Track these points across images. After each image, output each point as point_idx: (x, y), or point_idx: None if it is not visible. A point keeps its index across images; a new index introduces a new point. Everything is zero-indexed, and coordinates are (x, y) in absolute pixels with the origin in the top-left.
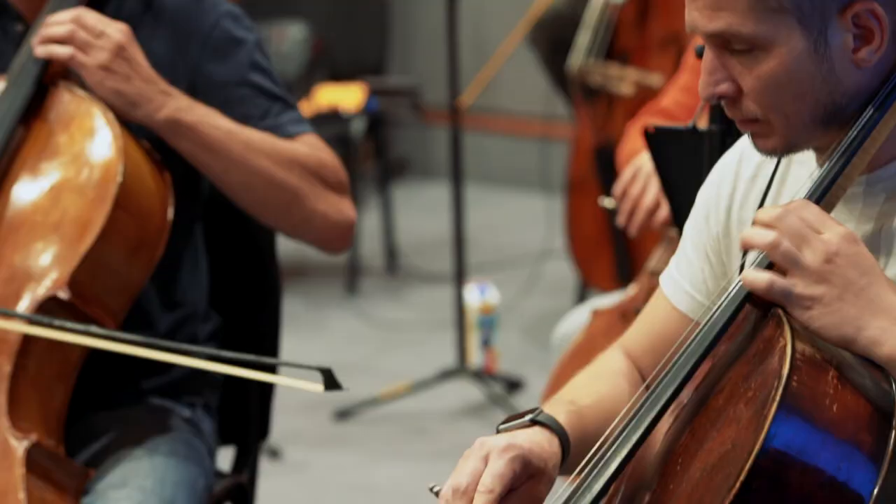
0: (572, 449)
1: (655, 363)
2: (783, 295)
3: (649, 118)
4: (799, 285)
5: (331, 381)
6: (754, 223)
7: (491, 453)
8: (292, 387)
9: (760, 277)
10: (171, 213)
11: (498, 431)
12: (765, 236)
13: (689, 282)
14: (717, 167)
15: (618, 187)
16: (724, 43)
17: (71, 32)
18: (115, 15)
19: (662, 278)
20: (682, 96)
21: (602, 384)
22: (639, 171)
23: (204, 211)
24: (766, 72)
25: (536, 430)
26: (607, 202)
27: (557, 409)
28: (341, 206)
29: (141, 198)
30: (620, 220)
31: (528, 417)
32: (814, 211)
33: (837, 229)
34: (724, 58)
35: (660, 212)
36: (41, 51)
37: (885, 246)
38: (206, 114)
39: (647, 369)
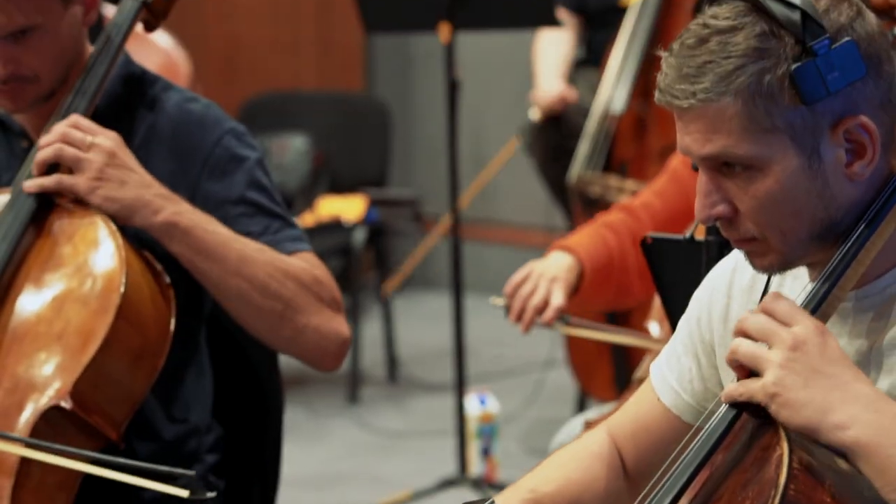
0: None
1: (636, 451)
2: (751, 397)
3: (613, 214)
4: (768, 379)
5: (196, 489)
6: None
7: None
8: (157, 490)
9: (728, 391)
10: (173, 323)
11: None
12: (727, 350)
13: (676, 379)
14: (713, 274)
15: (508, 287)
16: (718, 165)
17: (57, 153)
18: (125, 137)
19: (653, 367)
20: (652, 199)
21: (573, 468)
22: (531, 272)
23: (207, 321)
24: (763, 191)
25: None
26: (497, 301)
27: (514, 497)
28: (335, 324)
29: (143, 308)
30: (510, 318)
31: None
32: (784, 304)
33: (807, 322)
34: (719, 179)
35: (547, 311)
36: (29, 186)
37: (875, 361)
38: (203, 219)
39: (628, 456)
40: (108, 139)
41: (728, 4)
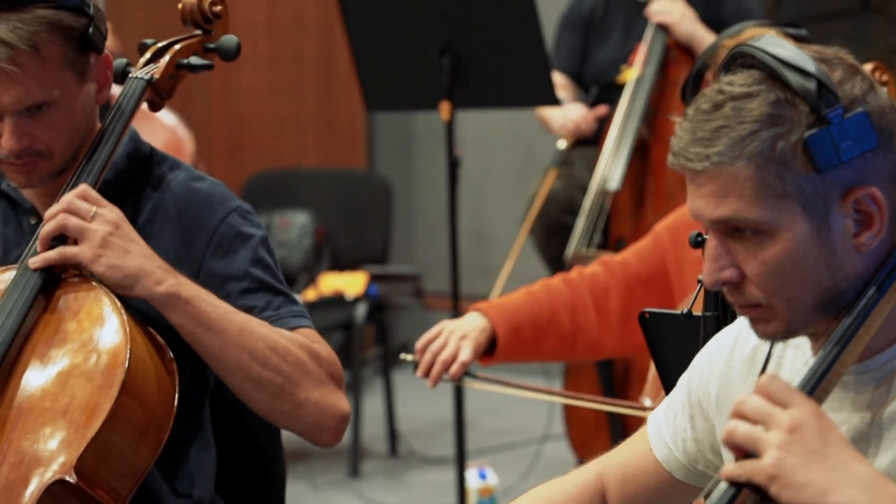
0: None
1: (622, 494)
2: (751, 479)
3: (574, 271)
4: (767, 461)
5: None
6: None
7: None
8: None
9: (728, 470)
10: (176, 397)
11: None
12: (727, 427)
13: (670, 436)
14: (715, 340)
15: (420, 342)
16: (728, 229)
17: (62, 223)
18: (131, 214)
19: (651, 417)
20: (632, 258)
21: (557, 499)
22: (443, 329)
23: (210, 396)
24: (771, 256)
25: None
26: (408, 357)
27: None
28: (334, 399)
29: (147, 383)
30: (419, 372)
31: None
32: (780, 385)
33: (804, 403)
34: (728, 244)
35: (454, 365)
36: (34, 262)
37: (874, 436)
38: (204, 292)
39: (612, 497)
40: (112, 210)
41: (744, 72)
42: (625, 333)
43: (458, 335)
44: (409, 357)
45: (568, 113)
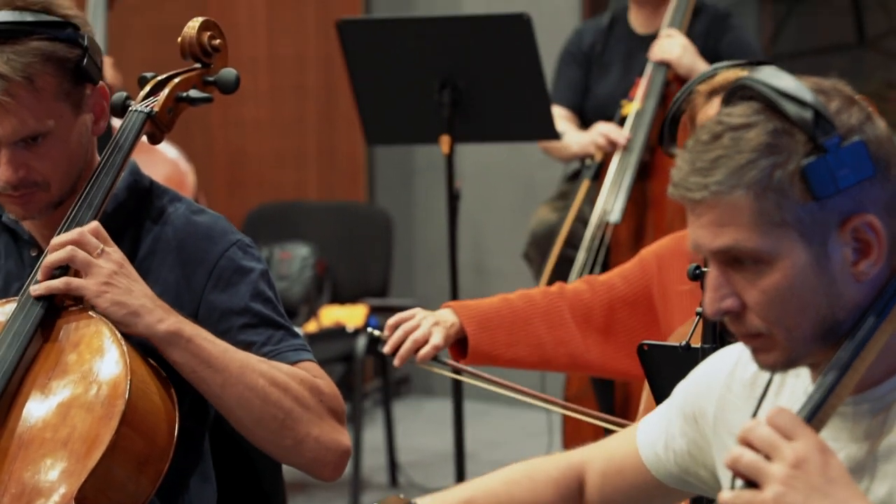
0: None
1: (602, 488)
2: None
3: (556, 286)
4: (768, 494)
5: None
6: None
7: None
8: None
9: (727, 498)
10: (177, 429)
11: None
12: (729, 454)
13: (661, 444)
14: (716, 357)
15: (392, 320)
16: (728, 259)
17: (69, 256)
18: (131, 246)
19: (644, 421)
20: (617, 279)
21: (522, 488)
22: (416, 312)
23: (211, 427)
24: (770, 285)
25: None
26: (376, 332)
27: (447, 500)
28: (335, 434)
29: (147, 414)
30: (387, 349)
31: None
32: (788, 418)
33: (809, 438)
34: (729, 273)
35: (425, 347)
36: (37, 290)
37: (871, 467)
38: (204, 331)
39: (591, 490)
40: (116, 251)
41: (742, 104)
42: (606, 352)
43: (430, 321)
44: (378, 332)
45: (600, 131)
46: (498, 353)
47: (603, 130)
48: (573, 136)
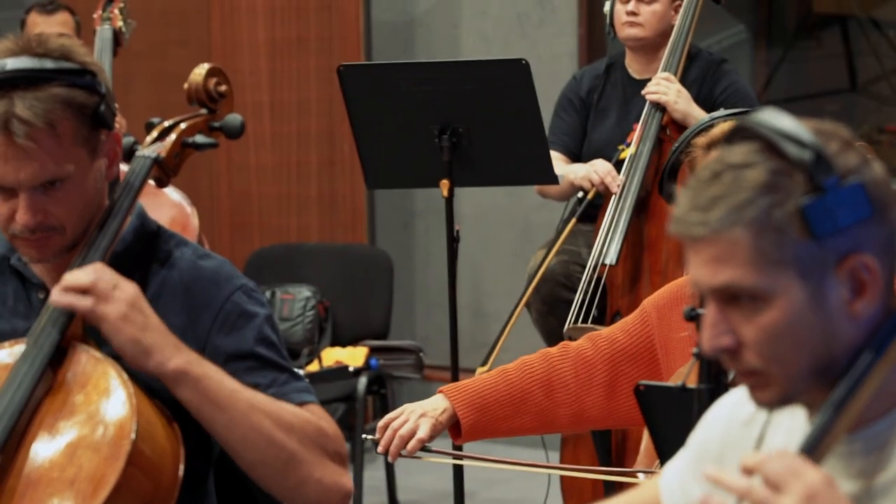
0: None
1: None
2: None
3: (578, 342)
4: None
5: None
6: (740, 469)
7: None
8: None
9: None
10: (182, 468)
11: None
12: (740, 483)
13: (680, 488)
14: (717, 405)
15: (381, 422)
16: (726, 297)
17: (93, 282)
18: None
19: (666, 467)
20: (619, 333)
21: None
22: (405, 409)
23: (215, 466)
24: (767, 322)
25: None
26: (369, 437)
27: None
28: (338, 477)
29: (153, 455)
30: (379, 449)
31: None
32: (791, 456)
33: (816, 473)
34: (726, 311)
35: (411, 441)
36: (62, 299)
37: None
38: (212, 369)
39: None
40: (131, 284)
41: (743, 144)
42: (610, 407)
43: (417, 413)
44: (370, 437)
45: (596, 168)
46: (495, 429)
47: (600, 170)
48: (571, 167)
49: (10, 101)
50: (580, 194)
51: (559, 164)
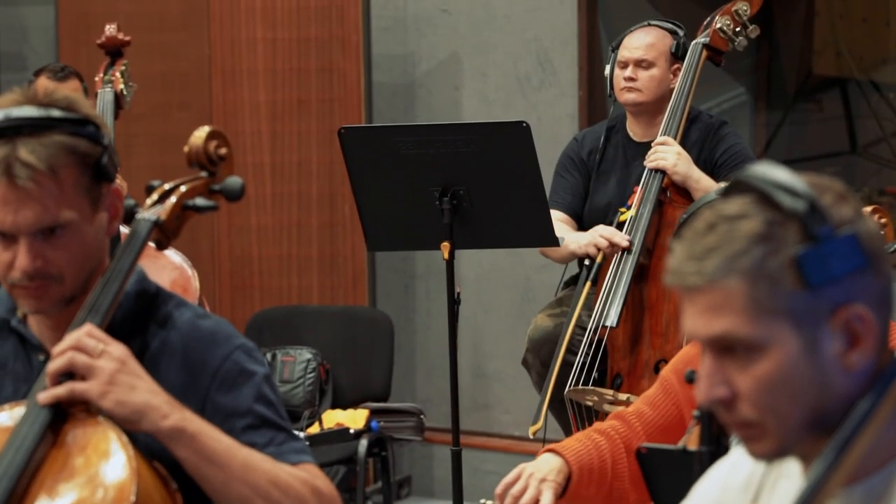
0: None
1: None
2: None
3: (607, 422)
4: None
5: None
6: None
7: None
8: None
9: None
10: None
11: None
12: None
13: None
14: (711, 472)
15: (500, 487)
16: (722, 347)
17: (69, 361)
18: (138, 351)
19: None
20: (645, 408)
21: None
22: (522, 471)
23: None
24: (762, 373)
25: None
26: (487, 503)
27: None
28: None
29: None
30: None
31: None
32: None
33: None
34: (722, 361)
35: None
36: (43, 398)
37: None
38: (208, 427)
39: None
40: (119, 347)
41: (738, 197)
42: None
43: (537, 478)
44: (487, 503)
45: (601, 233)
46: (581, 496)
47: (604, 233)
48: (572, 236)
49: (13, 147)
50: (587, 261)
51: (561, 224)
